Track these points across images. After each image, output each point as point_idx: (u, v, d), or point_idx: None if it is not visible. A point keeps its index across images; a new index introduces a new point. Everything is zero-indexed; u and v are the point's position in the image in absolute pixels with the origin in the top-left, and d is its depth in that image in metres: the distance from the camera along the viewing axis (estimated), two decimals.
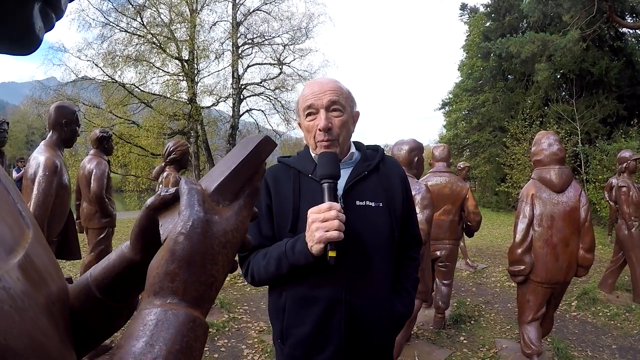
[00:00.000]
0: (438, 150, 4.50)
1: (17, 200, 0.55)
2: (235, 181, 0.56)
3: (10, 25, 0.43)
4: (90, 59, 21.70)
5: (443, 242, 4.31)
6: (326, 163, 1.38)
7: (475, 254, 8.79)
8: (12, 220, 0.49)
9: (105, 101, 21.98)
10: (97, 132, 4.82)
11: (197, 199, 0.51)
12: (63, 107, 3.12)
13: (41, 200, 2.73)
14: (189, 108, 22.42)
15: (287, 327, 1.52)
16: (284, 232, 1.51)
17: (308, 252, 1.34)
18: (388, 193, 1.55)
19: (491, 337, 4.41)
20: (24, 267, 0.43)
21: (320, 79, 1.59)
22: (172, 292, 0.46)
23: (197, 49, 22.49)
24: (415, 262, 1.70)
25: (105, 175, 4.48)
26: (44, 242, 0.56)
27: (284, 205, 1.54)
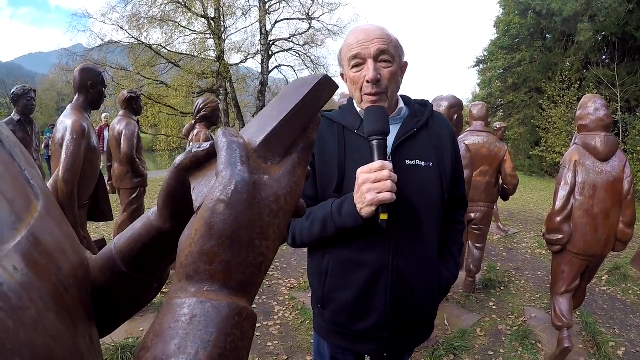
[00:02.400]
0: (476, 108, 4.31)
1: (24, 167, 0.47)
2: (288, 132, 0.44)
3: None
4: (115, 23, 21.67)
5: (478, 204, 4.20)
6: (375, 118, 1.27)
7: (507, 218, 8.63)
8: (16, 192, 0.40)
9: (133, 63, 22.09)
10: (125, 93, 4.82)
11: (240, 155, 0.40)
12: (88, 70, 3.05)
13: (70, 163, 2.71)
14: (217, 66, 22.45)
15: (329, 292, 1.47)
16: (329, 192, 1.43)
17: (357, 215, 1.26)
18: (438, 152, 1.45)
19: (520, 304, 4.34)
20: (25, 251, 0.35)
21: (366, 25, 1.44)
22: (210, 277, 0.36)
23: (222, 6, 22.26)
24: (460, 225, 1.61)
25: (135, 135, 4.50)
26: (57, 212, 0.48)
27: (328, 163, 1.44)
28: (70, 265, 0.42)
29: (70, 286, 0.41)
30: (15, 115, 4.67)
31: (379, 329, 1.44)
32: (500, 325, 3.85)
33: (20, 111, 4.67)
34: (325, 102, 0.45)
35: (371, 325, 1.43)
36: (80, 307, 0.42)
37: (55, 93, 50.06)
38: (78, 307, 0.41)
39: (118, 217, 4.40)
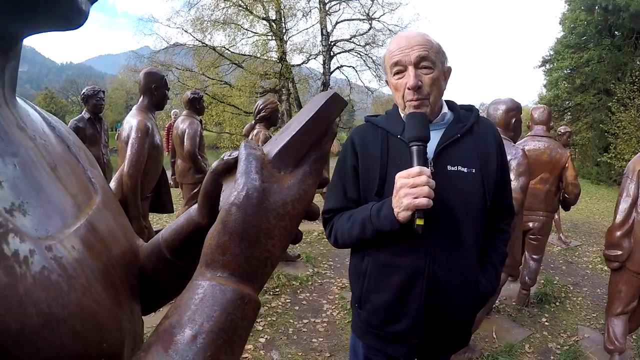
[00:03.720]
0: (537, 111, 4.14)
1: (87, 168, 0.60)
2: (299, 145, 0.49)
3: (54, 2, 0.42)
4: (180, 26, 22.79)
5: (537, 213, 4.03)
6: (415, 124, 1.29)
7: (570, 228, 8.20)
8: (79, 188, 0.52)
9: (198, 64, 23.06)
10: (188, 94, 5.07)
11: (255, 166, 0.47)
12: (152, 73, 3.27)
13: (134, 160, 2.92)
14: (280, 67, 22.89)
15: (366, 292, 1.51)
16: (370, 195, 1.46)
17: (394, 219, 1.28)
18: (482, 158, 1.44)
19: (574, 323, 4.11)
20: (82, 235, 0.46)
21: (407, 32, 1.47)
22: (222, 266, 0.44)
23: (283, 8, 22.68)
24: (505, 235, 1.58)
25: (197, 134, 4.73)
26: (113, 206, 0.60)
27: (370, 167, 1.47)
28: (120, 249, 0.54)
29: (118, 266, 0.52)
30: (85, 114, 5.01)
31: (410, 333, 1.45)
32: (551, 344, 3.68)
33: (90, 110, 5.02)
34: (336, 117, 0.50)
35: (403, 328, 1.45)
36: (124, 284, 0.53)
37: (124, 92, 52.96)
38: (123, 284, 0.52)
39: (179, 210, 4.63)
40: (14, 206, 0.38)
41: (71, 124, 4.90)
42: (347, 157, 1.54)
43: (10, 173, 0.40)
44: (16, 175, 0.41)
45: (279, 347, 3.34)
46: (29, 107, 0.56)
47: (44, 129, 0.54)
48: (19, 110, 0.50)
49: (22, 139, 0.46)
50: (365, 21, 24.13)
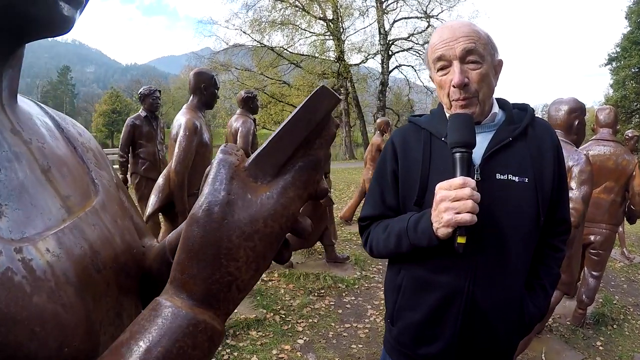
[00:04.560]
0: (603, 113, 3.80)
1: (92, 169, 0.60)
2: (279, 150, 0.42)
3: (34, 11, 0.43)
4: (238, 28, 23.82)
5: (599, 226, 3.72)
6: (458, 127, 1.14)
7: (634, 243, 7.51)
8: (75, 189, 0.53)
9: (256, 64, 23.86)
10: (242, 93, 5.17)
11: (225, 174, 0.41)
12: (201, 73, 3.35)
13: (181, 157, 3.01)
14: (338, 66, 23.11)
15: (399, 309, 1.39)
16: (409, 204, 1.32)
17: (432, 234, 1.15)
18: (536, 166, 1.26)
19: (631, 349, 3.75)
20: (63, 237, 0.45)
21: (452, 22, 1.29)
22: (181, 286, 0.40)
23: (340, 8, 22.87)
24: (559, 253, 1.40)
25: (250, 132, 4.81)
26: (115, 207, 0.59)
27: (411, 172, 1.33)
28: (112, 251, 0.53)
29: (105, 269, 0.51)
30: (142, 112, 5.21)
31: (443, 357, 1.32)
32: None
33: (146, 108, 5.21)
34: (324, 114, 0.42)
35: (435, 351, 1.32)
36: (112, 287, 0.52)
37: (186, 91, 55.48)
38: (110, 287, 0.51)
39: None
40: None
41: (128, 121, 5.12)
42: (387, 161, 1.41)
43: None
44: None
45: (316, 350, 3.31)
46: (38, 110, 0.58)
47: (47, 131, 0.55)
48: (19, 114, 0.52)
49: (14, 143, 0.47)
50: (423, 19, 23.92)
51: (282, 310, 3.89)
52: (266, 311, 3.83)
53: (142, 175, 5.11)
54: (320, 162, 0.44)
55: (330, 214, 4.80)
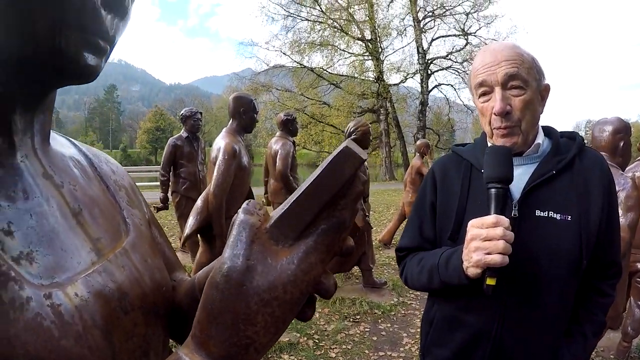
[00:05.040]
0: None
1: (124, 207, 0.61)
2: (302, 212, 0.41)
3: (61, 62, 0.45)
4: (278, 49, 24.40)
5: None
6: (494, 161, 1.09)
7: None
8: (105, 230, 0.54)
9: (297, 85, 24.32)
10: (282, 116, 5.24)
11: (246, 237, 0.41)
12: (240, 97, 3.40)
13: (220, 181, 3.05)
14: (377, 86, 23.21)
15: (429, 344, 1.35)
16: (444, 237, 1.27)
17: (462, 273, 1.10)
18: (582, 202, 1.15)
19: None
20: (92, 281, 0.47)
21: (494, 45, 1.22)
22: (199, 343, 0.40)
23: (378, 28, 23.12)
24: (606, 299, 1.27)
25: (289, 155, 4.87)
26: (145, 246, 0.60)
27: (448, 205, 1.27)
28: (140, 291, 0.54)
29: (133, 310, 0.51)
30: (184, 133, 5.36)
31: None
32: None
33: (188, 129, 5.36)
34: (347, 175, 0.40)
35: None
36: (140, 327, 0.53)
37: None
38: (137, 326, 0.52)
39: None
40: (22, 255, 0.42)
41: (170, 141, 5.27)
42: (426, 192, 1.36)
43: (25, 223, 0.44)
44: (31, 225, 0.44)
45: None
46: (72, 150, 0.60)
47: (80, 170, 0.57)
48: (51, 157, 0.53)
49: (46, 188, 0.49)
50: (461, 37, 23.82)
51: (316, 334, 3.85)
52: (300, 335, 3.80)
53: (183, 194, 5.24)
54: (345, 223, 0.42)
55: (368, 238, 4.74)
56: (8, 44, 0.43)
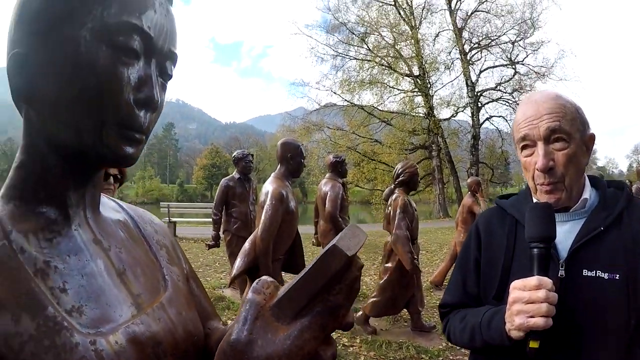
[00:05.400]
0: None
1: (164, 265, 0.70)
2: (296, 297, 0.48)
3: (104, 152, 0.55)
4: (329, 88, 24.91)
5: None
6: (536, 219, 1.05)
7: None
8: (145, 288, 0.62)
9: (348, 123, 24.53)
10: (331, 158, 5.36)
11: (252, 314, 0.49)
12: (288, 143, 3.49)
13: (267, 225, 3.12)
14: (428, 122, 23.04)
15: None
16: (488, 296, 1.23)
17: (504, 334, 1.06)
18: (630, 259, 1.07)
19: None
20: (130, 331, 0.54)
21: (536, 96, 1.18)
22: None
23: (425, 63, 23.05)
24: None
25: (339, 197, 4.94)
26: (181, 300, 0.67)
27: (492, 262, 1.23)
28: (173, 341, 0.60)
29: (166, 356, 0.58)
30: (236, 174, 5.56)
31: None
32: None
33: (240, 171, 5.55)
34: (335, 270, 0.47)
35: None
36: None
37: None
38: None
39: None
40: (74, 308, 0.50)
41: (223, 182, 5.48)
42: (470, 247, 1.32)
43: (77, 282, 0.53)
44: (82, 284, 0.53)
45: None
46: (120, 215, 0.70)
47: (126, 233, 0.67)
48: (101, 223, 0.63)
49: (95, 251, 0.58)
50: (509, 66, 23.39)
51: None
52: None
53: (234, 233, 5.36)
54: (338, 306, 0.49)
55: (417, 281, 4.63)
56: (62, 137, 0.54)
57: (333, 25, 25.01)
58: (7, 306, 0.46)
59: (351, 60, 24.82)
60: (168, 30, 0.58)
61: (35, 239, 0.53)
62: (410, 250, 4.17)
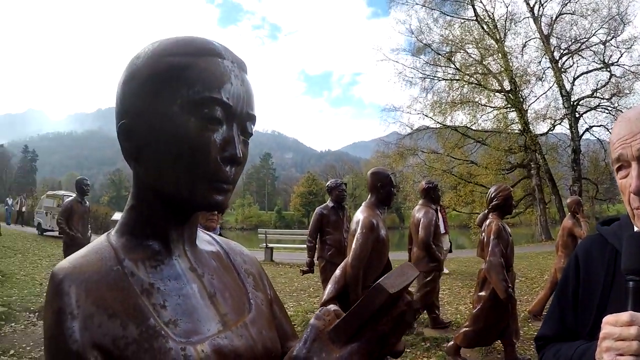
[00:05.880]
0: None
1: (250, 290, 0.81)
2: (346, 328, 0.57)
3: (198, 200, 0.67)
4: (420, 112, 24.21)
5: None
6: (631, 249, 0.98)
7: None
8: (232, 309, 0.73)
9: (442, 146, 23.64)
10: (423, 184, 5.33)
11: (311, 336, 0.59)
12: (377, 173, 3.55)
13: (357, 253, 3.19)
14: (524, 139, 21.65)
15: None
16: (583, 331, 1.16)
17: None
18: None
19: None
20: (216, 344, 0.65)
21: (630, 113, 1.09)
22: None
23: (515, 77, 21.68)
24: None
25: (432, 223, 4.91)
26: (262, 321, 0.77)
27: (589, 296, 1.16)
28: (252, 355, 0.70)
29: None
30: (330, 202, 5.66)
31: None
32: None
33: (333, 199, 5.63)
34: (378, 306, 0.55)
35: None
36: None
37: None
38: None
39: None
40: (170, 321, 0.63)
41: (317, 210, 5.62)
42: (569, 278, 1.26)
43: (174, 301, 0.66)
44: (178, 302, 0.66)
45: None
46: (214, 247, 0.83)
47: (218, 262, 0.80)
48: (197, 255, 0.76)
49: (191, 278, 0.71)
50: (603, 69, 21.14)
51: None
52: None
53: (328, 260, 5.41)
54: (384, 336, 0.57)
55: (512, 310, 4.36)
56: (164, 189, 0.67)
57: (418, 47, 24.74)
58: (119, 315, 0.59)
59: (440, 81, 24.36)
60: (244, 97, 0.68)
61: (143, 266, 0.67)
62: (505, 278, 3.93)
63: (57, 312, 0.57)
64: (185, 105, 0.64)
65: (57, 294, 0.58)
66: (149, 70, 0.65)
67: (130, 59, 0.70)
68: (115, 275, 0.63)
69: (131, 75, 0.67)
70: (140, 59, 0.67)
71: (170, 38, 0.69)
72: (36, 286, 8.45)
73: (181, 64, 0.64)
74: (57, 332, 0.56)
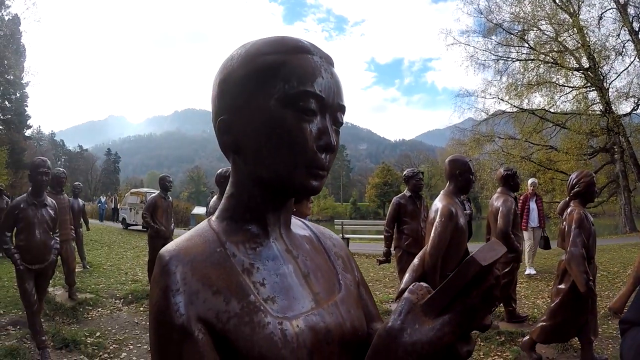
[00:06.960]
0: None
1: (340, 272, 0.85)
2: (439, 299, 0.59)
3: (296, 186, 0.71)
4: (495, 96, 22.91)
5: None
6: None
7: None
8: (323, 288, 0.77)
9: (519, 131, 22.31)
10: (501, 171, 5.19)
11: (405, 308, 0.61)
12: (456, 160, 3.48)
13: (436, 242, 3.17)
14: (606, 120, 19.87)
15: None
16: None
17: None
18: None
19: None
20: (309, 319, 0.70)
21: None
22: None
23: (594, 52, 19.83)
24: None
25: (510, 212, 4.78)
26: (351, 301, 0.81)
27: None
28: (341, 332, 0.73)
29: (333, 343, 0.72)
30: (407, 192, 5.61)
31: None
32: None
33: (410, 189, 5.58)
34: (471, 276, 0.56)
35: None
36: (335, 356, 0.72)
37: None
38: (333, 354, 0.71)
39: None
40: (269, 298, 0.68)
41: (394, 200, 5.59)
42: None
43: (272, 279, 0.71)
44: (275, 281, 0.71)
45: None
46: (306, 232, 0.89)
47: (311, 245, 0.85)
48: (291, 238, 0.81)
49: (287, 259, 0.76)
50: None
51: None
52: None
53: (405, 249, 5.43)
54: (474, 308, 0.58)
55: (592, 306, 4.08)
56: (264, 176, 0.72)
57: (488, 28, 23.34)
58: (222, 292, 0.64)
59: (514, 62, 22.88)
60: (334, 89, 0.72)
61: (243, 248, 0.72)
62: (586, 270, 3.67)
63: (163, 290, 0.63)
64: (282, 99, 0.68)
65: (164, 273, 0.64)
66: (245, 70, 0.71)
67: (223, 62, 0.76)
68: (219, 255, 0.69)
69: (227, 75, 0.73)
70: (235, 60, 0.73)
71: (260, 39, 0.74)
72: (121, 275, 9.06)
73: (277, 62, 0.69)
74: (163, 307, 0.61)
